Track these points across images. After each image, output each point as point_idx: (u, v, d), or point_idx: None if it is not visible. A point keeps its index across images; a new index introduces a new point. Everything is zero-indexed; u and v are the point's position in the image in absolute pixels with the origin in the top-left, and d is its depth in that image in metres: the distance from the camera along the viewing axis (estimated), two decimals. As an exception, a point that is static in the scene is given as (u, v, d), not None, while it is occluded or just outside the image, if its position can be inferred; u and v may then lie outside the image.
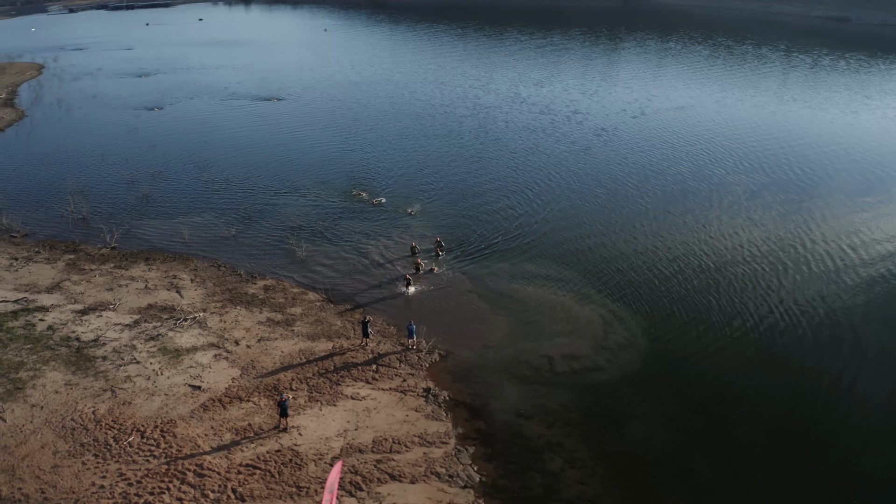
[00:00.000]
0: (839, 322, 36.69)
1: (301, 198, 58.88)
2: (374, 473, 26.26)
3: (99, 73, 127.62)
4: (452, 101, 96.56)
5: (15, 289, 41.93)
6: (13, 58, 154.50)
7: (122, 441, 27.59)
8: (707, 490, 25.97)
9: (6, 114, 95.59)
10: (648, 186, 59.84)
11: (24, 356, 33.80)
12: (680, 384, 32.44)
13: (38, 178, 66.70)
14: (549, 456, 27.33)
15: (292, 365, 33.53)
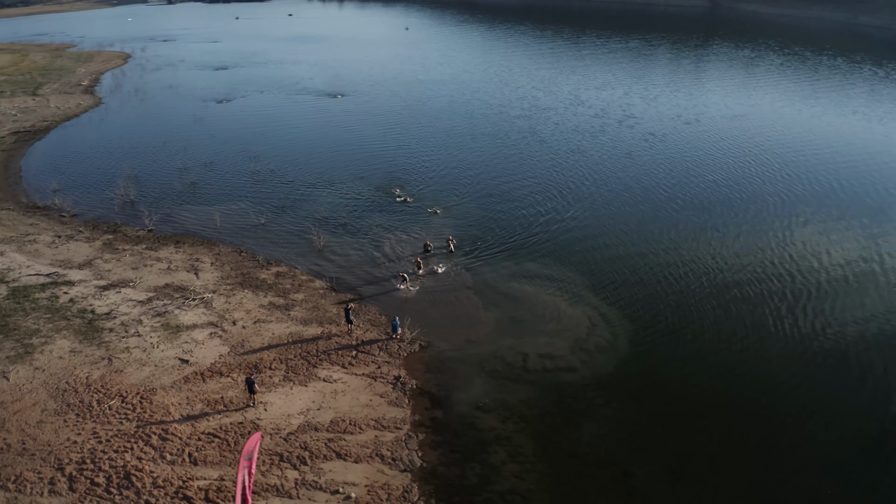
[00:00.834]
0: (836, 350, 36.47)
1: (335, 191, 62.46)
2: (323, 450, 29.03)
3: (180, 65, 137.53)
4: (510, 101, 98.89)
5: (50, 264, 47.58)
6: (104, 46, 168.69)
7: (104, 404, 31.69)
8: (640, 495, 26.95)
9: (84, 100, 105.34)
10: (680, 195, 60.12)
11: (41, 324, 38.82)
12: (647, 391, 33.29)
13: (98, 162, 73.11)
14: (495, 449, 29.15)
15: (278, 346, 36.77)
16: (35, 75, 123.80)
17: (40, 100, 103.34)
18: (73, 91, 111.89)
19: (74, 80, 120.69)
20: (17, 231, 53.03)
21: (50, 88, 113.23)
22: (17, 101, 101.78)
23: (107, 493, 25.81)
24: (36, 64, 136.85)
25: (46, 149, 77.97)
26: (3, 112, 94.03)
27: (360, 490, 26.37)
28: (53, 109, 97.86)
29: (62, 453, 27.73)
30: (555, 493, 26.83)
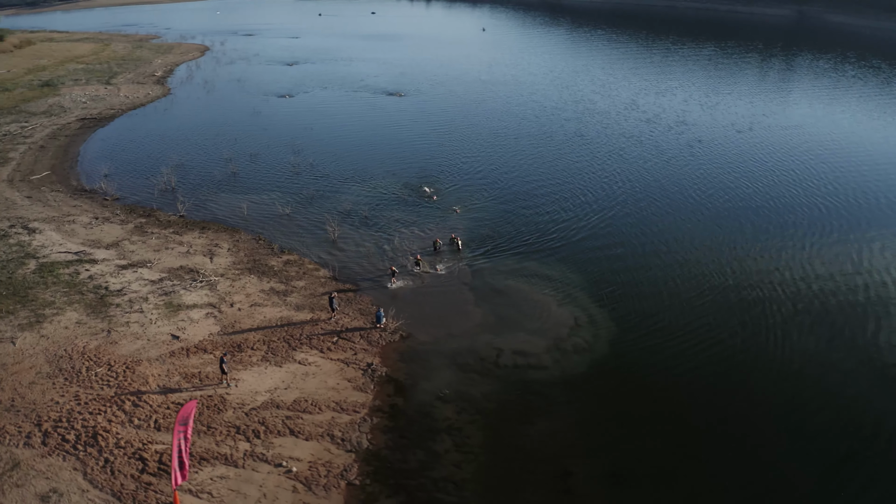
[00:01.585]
0: (813, 374, 36.55)
1: (364, 185, 65.68)
2: (279, 426, 32.10)
3: (254, 59, 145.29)
4: (565, 104, 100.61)
5: (82, 243, 52.91)
6: (186, 39, 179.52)
7: (91, 371, 35.85)
8: (573, 494, 28.12)
9: (153, 90, 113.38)
10: (709, 205, 60.16)
11: (57, 297, 43.75)
12: (613, 394, 34.38)
13: (150, 150, 78.63)
14: (443, 437, 31.34)
15: (267, 328, 39.97)
16: (112, 65, 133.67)
17: (112, 88, 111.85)
18: (145, 81, 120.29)
19: (149, 71, 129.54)
20: (60, 211, 58.79)
21: (124, 78, 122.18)
22: (89, 89, 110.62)
23: (73, 449, 29.55)
24: (116, 54, 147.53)
25: (106, 136, 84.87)
26: (75, 99, 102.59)
27: (303, 465, 29.11)
28: (122, 98, 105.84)
29: (43, 411, 31.77)
30: (487, 483, 28.39)
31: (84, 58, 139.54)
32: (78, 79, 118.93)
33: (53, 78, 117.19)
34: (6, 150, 77.00)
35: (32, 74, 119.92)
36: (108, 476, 27.71)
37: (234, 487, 27.39)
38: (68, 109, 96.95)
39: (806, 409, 32.52)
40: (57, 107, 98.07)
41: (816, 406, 32.80)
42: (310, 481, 27.80)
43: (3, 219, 55.83)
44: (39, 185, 65.89)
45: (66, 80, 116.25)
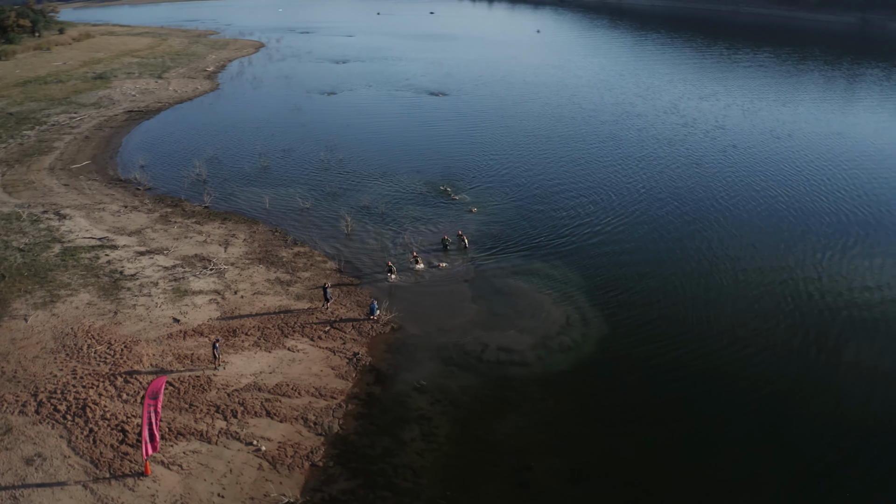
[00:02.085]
0: (792, 395, 36.94)
1: (388, 182, 67.91)
2: (256, 408, 34.51)
3: (305, 56, 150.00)
4: (604, 106, 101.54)
5: (107, 229, 56.69)
6: (244, 35, 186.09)
7: (91, 348, 39.07)
8: (532, 488, 29.36)
9: (202, 85, 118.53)
10: (734, 211, 60.20)
11: (74, 280, 47.30)
12: (590, 394, 35.29)
13: (188, 142, 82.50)
14: (411, 426, 33.05)
15: (264, 315, 42.17)
16: (166, 59, 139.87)
17: (162, 83, 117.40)
18: (195, 76, 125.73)
19: (201, 66, 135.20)
20: (93, 199, 62.92)
21: (176, 72, 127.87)
22: (140, 82, 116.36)
23: (62, 419, 32.47)
24: (171, 48, 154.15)
25: (149, 128, 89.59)
26: (124, 92, 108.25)
27: (272, 445, 31.34)
28: (170, 92, 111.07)
29: (41, 383, 34.86)
30: (446, 472, 29.69)
31: (140, 52, 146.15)
32: (131, 72, 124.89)
33: (107, 71, 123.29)
34: (52, 139, 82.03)
35: (87, 67, 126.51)
36: (90, 444, 30.35)
37: (204, 462, 29.69)
38: (117, 102, 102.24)
39: (781, 425, 32.98)
40: (106, 99, 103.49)
41: (794, 423, 33.21)
42: (276, 460, 29.86)
43: (38, 204, 59.89)
44: (78, 173, 70.24)
45: (119, 74, 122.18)
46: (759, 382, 35.71)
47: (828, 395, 34.80)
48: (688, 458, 30.81)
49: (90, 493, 27.72)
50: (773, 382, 35.77)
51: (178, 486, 28.11)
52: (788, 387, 35.39)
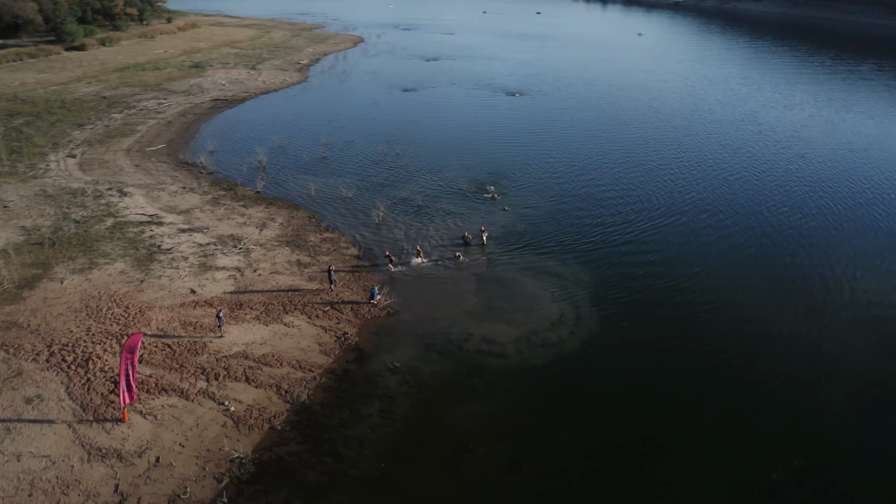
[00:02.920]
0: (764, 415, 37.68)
1: (433, 177, 71.33)
2: (237, 373, 39.09)
3: (399, 53, 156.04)
4: (680, 111, 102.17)
5: (160, 208, 63.32)
6: (348, 30, 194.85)
7: (109, 311, 45.00)
8: (465, 470, 31.71)
9: (291, 77, 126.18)
10: (778, 226, 60.21)
11: (115, 251, 53.65)
12: (557, 390, 37.10)
13: (259, 131, 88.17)
14: (373, 402, 36.37)
15: (273, 292, 46.06)
16: (263, 51, 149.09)
17: (254, 73, 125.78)
18: (287, 68, 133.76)
19: (295, 59, 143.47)
20: (156, 180, 69.90)
21: (270, 64, 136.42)
22: (233, 72, 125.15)
23: (67, 368, 37.99)
24: (272, 41, 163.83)
25: (230, 116, 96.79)
26: (215, 81, 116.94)
27: (241, 407, 35.67)
28: (259, 83, 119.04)
29: (57, 336, 40.64)
30: (390, 447, 32.49)
31: (240, 43, 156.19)
32: (227, 62, 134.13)
33: (204, 60, 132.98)
34: (137, 123, 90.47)
35: (186, 56, 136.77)
36: (84, 392, 35.48)
37: (177, 415, 34.23)
38: (206, 90, 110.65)
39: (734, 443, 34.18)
40: (196, 87, 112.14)
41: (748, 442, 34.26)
42: (240, 420, 34.05)
43: (106, 182, 67.16)
44: (151, 155, 77.65)
45: (215, 63, 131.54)
46: (730, 415, 35.56)
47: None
48: (627, 464, 32.28)
49: (72, 431, 32.49)
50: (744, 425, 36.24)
51: (147, 433, 32.56)
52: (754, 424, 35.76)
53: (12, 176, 66.08)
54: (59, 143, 79.32)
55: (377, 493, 29.86)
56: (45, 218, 56.00)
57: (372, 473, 30.47)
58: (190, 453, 31.28)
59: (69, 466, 30.21)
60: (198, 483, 29.69)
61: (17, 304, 42.10)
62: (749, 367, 39.08)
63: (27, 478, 29.48)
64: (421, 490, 30.12)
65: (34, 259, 48.12)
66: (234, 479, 30.07)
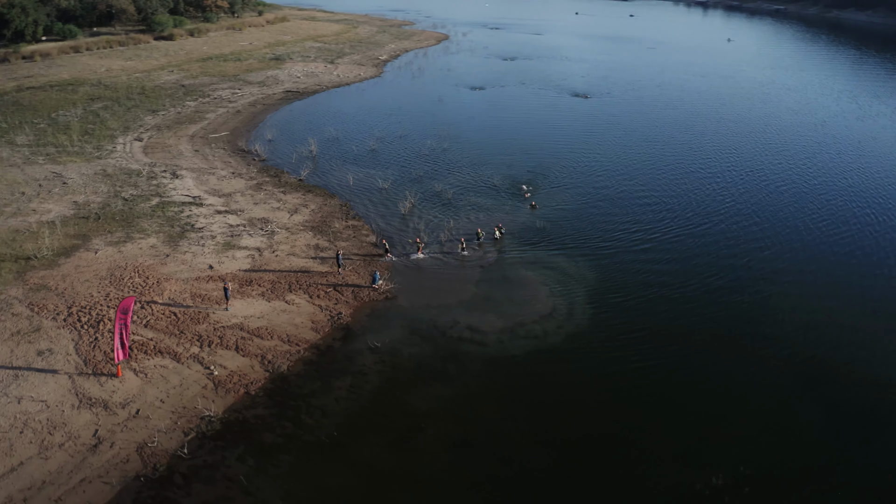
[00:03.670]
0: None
1: (471, 173, 73.73)
2: (229, 342, 43.27)
3: (479, 52, 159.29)
4: (746, 118, 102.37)
5: (205, 190, 68.83)
6: (436, 27, 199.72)
7: (130, 280, 50.30)
8: (411, 445, 33.93)
9: (366, 72, 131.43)
10: (812, 243, 59.48)
11: (152, 227, 59.09)
12: (524, 380, 38.89)
13: (319, 122, 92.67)
14: (345, 378, 39.42)
15: (283, 272, 49.48)
16: (345, 46, 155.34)
17: (330, 67, 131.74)
18: (365, 63, 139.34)
19: (375, 54, 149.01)
20: (210, 165, 75.64)
21: (349, 59, 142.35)
22: (310, 65, 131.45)
23: (80, 328, 42.98)
24: (356, 36, 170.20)
25: (297, 108, 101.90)
26: (291, 74, 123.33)
27: (224, 372, 39.78)
28: (333, 77, 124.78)
29: (78, 300, 45.90)
30: (348, 418, 35.18)
31: (324, 37, 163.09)
32: (307, 56, 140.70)
33: (285, 53, 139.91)
34: (207, 110, 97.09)
35: (269, 48, 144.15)
36: (89, 349, 40.27)
37: (165, 375, 38.52)
38: (280, 82, 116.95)
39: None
40: (272, 79, 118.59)
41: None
42: (219, 384, 38.05)
43: (163, 164, 73.20)
44: (212, 142, 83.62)
45: (295, 56, 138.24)
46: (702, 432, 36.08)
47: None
48: (575, 457, 33.77)
49: (71, 382, 37.11)
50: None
51: (135, 388, 36.91)
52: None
53: (79, 156, 72.51)
54: (129, 127, 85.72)
55: (323, 457, 32.65)
56: (97, 195, 61.44)
57: (323, 440, 33.21)
58: (167, 409, 35.04)
59: (60, 411, 34.39)
60: (167, 434, 33.38)
61: (51, 270, 47.15)
62: (728, 384, 39.69)
63: (22, 417, 33.79)
64: (363, 459, 32.70)
65: (77, 231, 53.42)
66: (200, 434, 33.50)
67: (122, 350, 36.55)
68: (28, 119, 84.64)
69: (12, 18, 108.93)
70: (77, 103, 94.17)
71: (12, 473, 30.74)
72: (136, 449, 32.41)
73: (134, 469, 31.54)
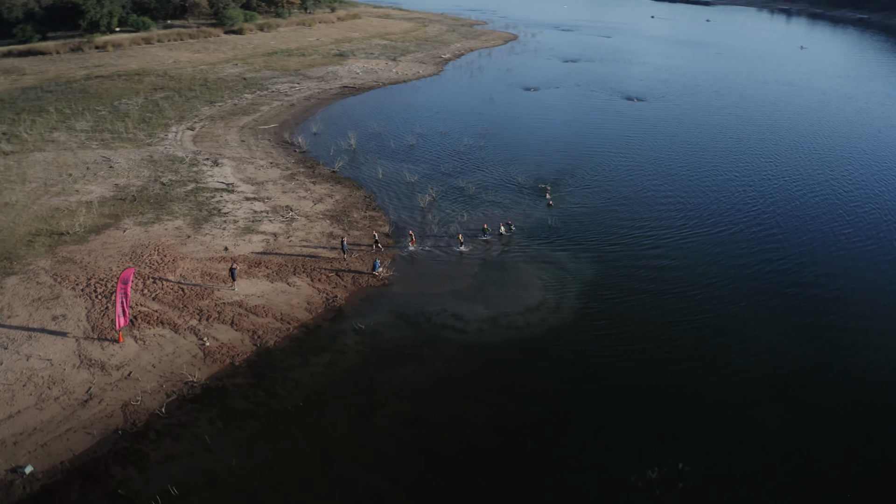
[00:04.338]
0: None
1: (498, 171, 75.88)
2: (227, 317, 47.34)
3: (543, 53, 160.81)
4: (796, 124, 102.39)
5: (240, 178, 73.51)
6: (509, 28, 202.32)
7: (149, 257, 55.28)
8: (367, 419, 36.89)
9: (425, 70, 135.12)
10: (834, 263, 59.69)
11: (181, 210, 64.03)
12: (494, 370, 40.84)
13: (366, 117, 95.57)
14: (324, 355, 42.00)
15: (292, 256, 52.65)
16: (410, 44, 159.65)
17: (391, 64, 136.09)
18: (426, 61, 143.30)
19: (438, 53, 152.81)
20: (252, 154, 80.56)
21: (411, 57, 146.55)
22: (371, 62, 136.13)
23: (94, 297, 47.71)
24: (424, 34, 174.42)
25: (349, 103, 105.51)
26: (350, 70, 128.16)
27: (215, 343, 43.75)
28: (391, 74, 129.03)
29: (98, 272, 50.72)
30: (315, 392, 38.04)
31: (392, 35, 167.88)
32: (371, 53, 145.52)
33: (350, 50, 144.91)
34: (262, 103, 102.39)
35: (335, 45, 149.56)
36: (99, 316, 44.91)
37: (161, 343, 42.77)
38: (338, 78, 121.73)
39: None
40: (331, 74, 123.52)
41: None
42: (208, 354, 41.99)
43: (208, 152, 78.35)
44: (259, 133, 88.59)
45: (359, 53, 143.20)
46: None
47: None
48: (524, 442, 35.93)
49: (76, 344, 41.60)
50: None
51: (132, 353, 41.14)
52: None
53: (130, 142, 78.31)
54: (185, 117, 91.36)
55: (284, 424, 35.78)
56: (138, 179, 66.67)
57: (289, 409, 36.41)
58: (156, 373, 39.06)
59: (62, 369, 38.75)
60: (151, 395, 37.36)
61: (80, 245, 52.09)
62: (691, 387, 41.01)
63: (28, 373, 38.25)
64: (321, 428, 35.79)
65: (111, 211, 58.52)
66: (180, 396, 37.29)
67: (122, 317, 40.17)
68: (91, 106, 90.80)
69: (88, 9, 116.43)
70: (140, 92, 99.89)
71: (9, 420, 34.51)
72: (121, 406, 35.89)
73: (115, 423, 34.88)
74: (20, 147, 72.55)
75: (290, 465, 33.14)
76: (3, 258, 48.81)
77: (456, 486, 32.26)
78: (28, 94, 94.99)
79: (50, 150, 72.71)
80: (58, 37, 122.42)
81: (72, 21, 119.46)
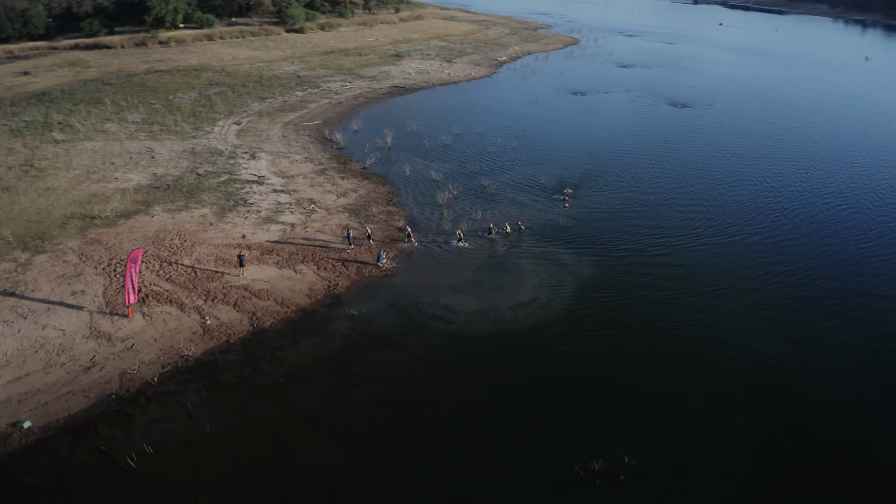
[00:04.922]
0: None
1: (523, 172, 77.74)
2: (231, 299, 51.19)
3: (601, 58, 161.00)
4: (842, 135, 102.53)
5: (273, 171, 77.46)
6: (572, 32, 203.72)
7: (169, 241, 59.84)
8: (341, 398, 39.66)
9: (478, 72, 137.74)
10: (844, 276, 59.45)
11: (209, 199, 68.26)
12: (472, 360, 43.14)
13: (409, 116, 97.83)
14: (314, 337, 44.16)
15: (304, 246, 55.61)
16: (468, 46, 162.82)
17: (445, 66, 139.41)
18: (481, 63, 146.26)
19: (495, 55, 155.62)
20: (289, 148, 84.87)
21: (467, 59, 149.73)
22: (426, 63, 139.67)
23: (113, 275, 51.85)
24: (484, 37, 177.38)
25: (396, 102, 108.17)
26: (403, 70, 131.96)
27: (215, 322, 47.41)
28: (444, 75, 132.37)
29: (120, 253, 55.13)
30: (300, 371, 41.05)
31: (451, 37, 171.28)
32: (427, 54, 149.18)
33: (406, 51, 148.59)
34: (311, 101, 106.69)
35: (393, 45, 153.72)
36: (114, 293, 49.14)
37: (166, 319, 46.81)
38: (391, 78, 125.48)
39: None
40: (384, 74, 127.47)
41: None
42: (207, 331, 45.69)
43: (248, 146, 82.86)
44: (302, 129, 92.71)
45: (415, 54, 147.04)
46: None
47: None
48: (488, 429, 38.16)
49: (89, 317, 45.86)
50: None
51: (138, 328, 45.25)
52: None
53: (176, 134, 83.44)
54: (234, 112, 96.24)
55: (262, 398, 38.83)
56: (176, 169, 71.33)
57: (269, 385, 39.57)
58: (157, 346, 42.84)
59: (72, 339, 42.90)
60: (147, 365, 41.15)
61: (109, 228, 56.66)
62: (663, 388, 42.40)
63: (41, 340, 42.48)
64: (295, 403, 38.69)
65: (144, 198, 63.14)
66: (174, 368, 40.90)
67: (132, 294, 44.28)
68: (146, 99, 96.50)
69: (154, 6, 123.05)
70: (195, 87, 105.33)
71: (18, 381, 38.61)
72: (119, 374, 39.66)
73: (111, 389, 38.59)
74: (72, 136, 77.86)
75: (259, 434, 35.93)
76: (37, 238, 52.76)
77: (411, 464, 34.62)
78: (88, 87, 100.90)
79: (99, 140, 77.58)
80: (124, 31, 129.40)
81: (138, 16, 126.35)
